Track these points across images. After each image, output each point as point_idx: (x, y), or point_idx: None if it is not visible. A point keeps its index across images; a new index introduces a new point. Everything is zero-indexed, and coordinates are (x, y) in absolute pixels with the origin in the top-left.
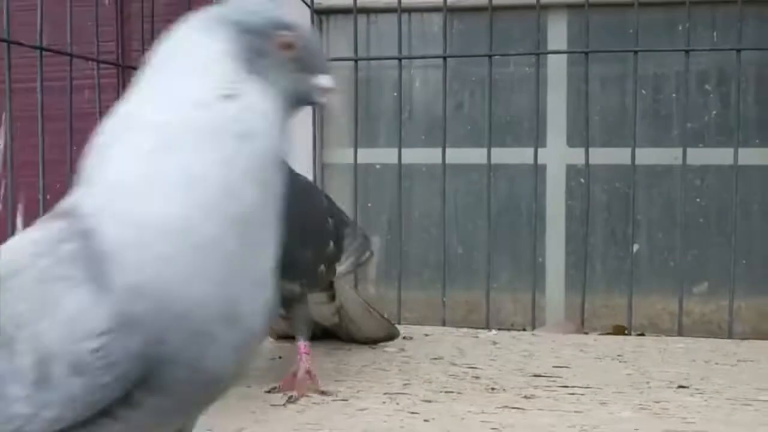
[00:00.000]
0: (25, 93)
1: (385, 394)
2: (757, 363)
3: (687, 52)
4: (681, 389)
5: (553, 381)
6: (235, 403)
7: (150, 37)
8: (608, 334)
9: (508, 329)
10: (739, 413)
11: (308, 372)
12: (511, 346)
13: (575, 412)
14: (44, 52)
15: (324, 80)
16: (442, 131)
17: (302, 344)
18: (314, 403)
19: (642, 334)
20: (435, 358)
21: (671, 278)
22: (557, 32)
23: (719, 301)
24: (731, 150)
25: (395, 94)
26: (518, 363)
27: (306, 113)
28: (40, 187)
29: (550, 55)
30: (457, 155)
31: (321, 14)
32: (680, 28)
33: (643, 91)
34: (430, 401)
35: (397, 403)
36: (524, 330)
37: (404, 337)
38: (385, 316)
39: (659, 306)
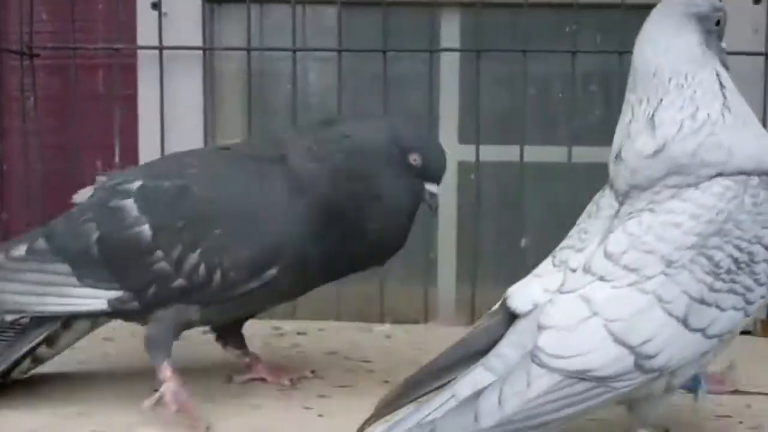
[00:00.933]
0: None
1: (278, 390)
2: None
3: (573, 53)
4: None
5: None
6: (122, 400)
7: (29, 18)
8: None
9: (402, 323)
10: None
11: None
12: (405, 340)
13: None
14: None
15: (724, 44)
16: None
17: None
18: (207, 401)
19: None
20: (329, 353)
21: None
22: (450, 30)
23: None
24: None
25: (289, 86)
26: (411, 356)
27: (196, 101)
28: None
29: (443, 53)
30: None
31: (212, 3)
32: (567, 30)
33: (532, 91)
34: (324, 396)
35: (291, 399)
36: (417, 323)
37: (298, 333)
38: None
39: None
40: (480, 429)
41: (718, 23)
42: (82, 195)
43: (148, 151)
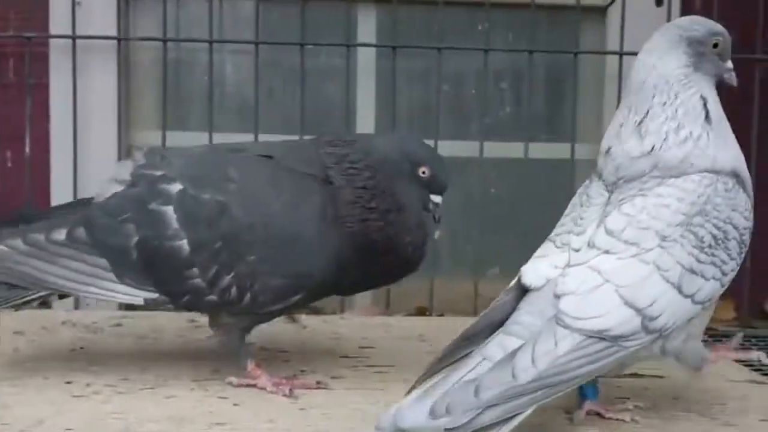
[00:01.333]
0: None
1: (193, 381)
2: None
3: (486, 51)
4: None
5: (360, 361)
6: (33, 394)
7: None
8: (411, 315)
9: (318, 314)
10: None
11: None
12: (321, 330)
13: (380, 389)
14: None
15: (730, 65)
16: (254, 117)
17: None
18: (119, 392)
19: (442, 315)
20: (246, 344)
21: (468, 263)
22: (367, 26)
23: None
24: (522, 144)
25: (206, 77)
26: (327, 345)
27: (111, 92)
28: None
29: (360, 48)
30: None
31: None
32: (480, 28)
33: (446, 87)
34: (239, 386)
35: (206, 390)
36: (333, 314)
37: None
38: None
39: (457, 289)
40: (518, 384)
41: (716, 45)
42: (122, 170)
43: (59, 141)
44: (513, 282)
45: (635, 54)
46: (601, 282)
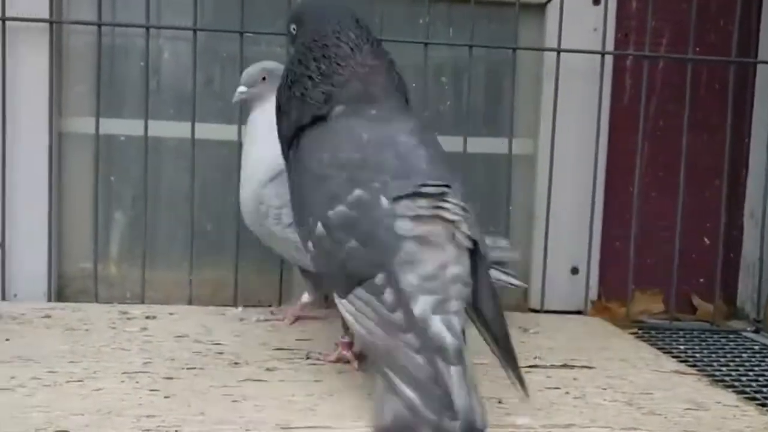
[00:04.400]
0: None
1: (123, 373)
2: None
3: (426, 44)
4: None
5: (295, 353)
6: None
7: None
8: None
9: (255, 306)
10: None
11: None
12: (257, 322)
13: (315, 381)
14: None
15: None
16: (192, 105)
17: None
18: (45, 385)
19: None
20: (179, 336)
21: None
22: None
23: None
24: (461, 138)
25: (142, 63)
26: (263, 338)
27: (42, 76)
28: None
29: None
30: (207, 130)
31: None
32: (421, 22)
33: None
34: (171, 378)
35: (137, 382)
36: (270, 306)
37: (147, 317)
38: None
39: None
40: None
41: None
42: None
43: None
44: None
45: (573, 51)
46: None
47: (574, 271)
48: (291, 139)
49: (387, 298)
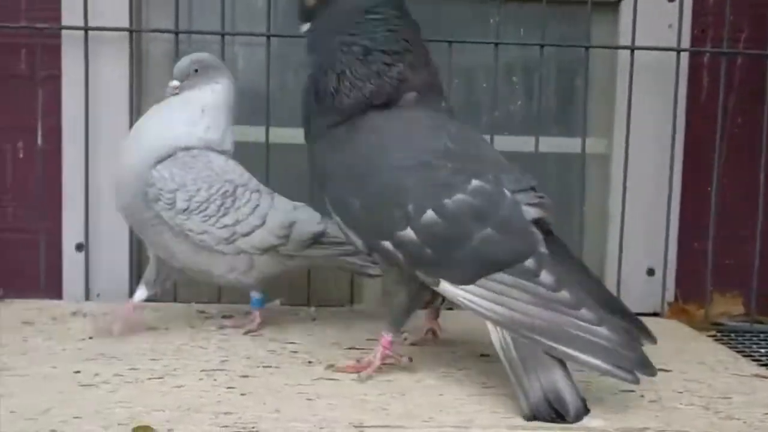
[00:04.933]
0: None
1: (202, 371)
2: None
3: (496, 45)
4: (483, 357)
5: (367, 353)
6: (41, 383)
7: None
8: (424, 309)
9: (328, 305)
10: None
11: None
12: (330, 322)
13: (386, 380)
14: None
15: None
16: (266, 110)
17: (384, 335)
18: (127, 382)
19: (450, 309)
20: (254, 334)
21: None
22: None
23: None
24: (533, 138)
25: None
26: (335, 337)
27: (122, 83)
28: None
29: None
30: (282, 135)
31: None
32: (491, 22)
33: (456, 81)
34: (247, 376)
35: (215, 380)
36: (342, 306)
37: (223, 316)
38: None
39: None
40: None
41: None
42: None
43: (71, 132)
44: None
45: (647, 48)
46: None
47: (651, 272)
48: (342, 120)
49: (545, 279)
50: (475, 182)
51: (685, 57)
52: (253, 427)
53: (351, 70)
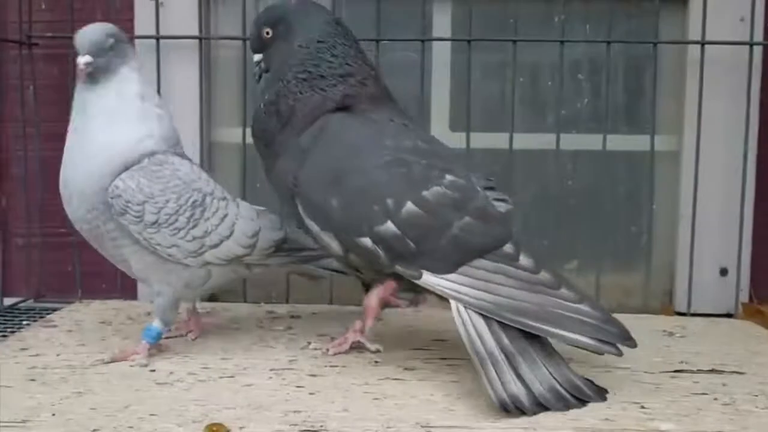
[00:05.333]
0: None
1: (271, 370)
2: None
3: (562, 42)
4: None
5: (433, 353)
6: (119, 381)
7: (28, 8)
8: None
9: (393, 307)
10: (601, 380)
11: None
12: (395, 323)
13: (452, 381)
14: None
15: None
16: None
17: (357, 322)
18: (200, 380)
19: None
20: (321, 335)
21: (545, 256)
22: (442, 20)
23: (588, 278)
24: (601, 136)
25: None
26: (401, 338)
27: (193, 89)
28: None
29: (434, 42)
30: None
31: None
32: (556, 20)
33: (521, 79)
34: (315, 375)
35: (283, 378)
36: (408, 307)
37: (292, 316)
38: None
39: None
40: None
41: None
42: None
43: None
44: None
45: (718, 43)
46: None
47: (723, 272)
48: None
49: (525, 263)
50: (449, 177)
51: (758, 51)
52: (321, 426)
53: (302, 93)
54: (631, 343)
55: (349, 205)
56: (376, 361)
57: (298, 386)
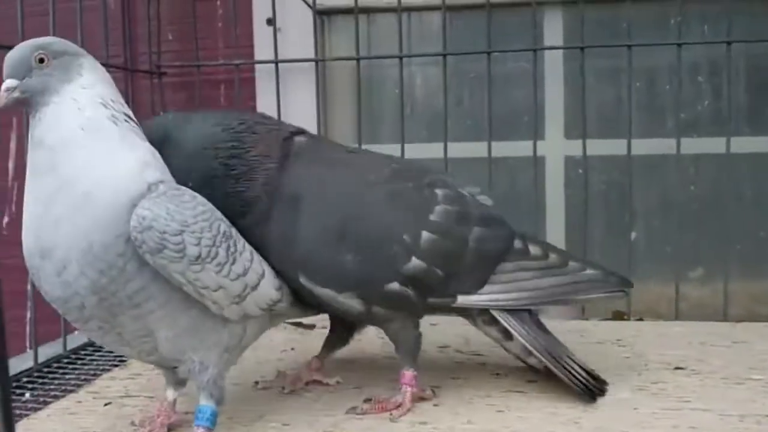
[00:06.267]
0: None
1: (393, 381)
2: (751, 344)
3: (679, 45)
4: (678, 370)
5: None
6: (251, 392)
7: (157, 39)
8: (608, 319)
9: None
10: (733, 391)
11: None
12: None
13: (576, 393)
14: None
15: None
16: (444, 126)
17: (405, 373)
18: (329, 391)
19: (641, 319)
20: (441, 347)
21: (668, 264)
22: (553, 28)
23: (714, 286)
24: (724, 139)
25: (397, 91)
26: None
27: (310, 109)
28: None
29: (546, 51)
30: (459, 149)
31: (323, 15)
32: (672, 22)
33: (638, 84)
34: (438, 387)
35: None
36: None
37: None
38: None
39: (657, 291)
40: None
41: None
42: None
43: None
44: None
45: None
46: None
47: None
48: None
49: (535, 251)
50: (438, 191)
51: None
52: None
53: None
54: (629, 284)
55: (366, 256)
56: (497, 374)
57: (421, 398)
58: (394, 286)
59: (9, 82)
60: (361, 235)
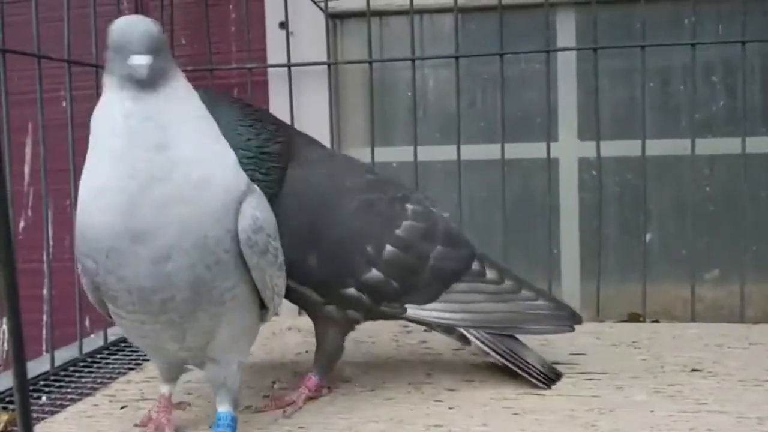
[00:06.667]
0: (54, 102)
1: (409, 384)
2: None
3: (693, 45)
4: (694, 372)
5: (571, 368)
6: (268, 395)
7: (170, 44)
8: (623, 321)
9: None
10: (750, 394)
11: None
12: (529, 336)
13: (593, 396)
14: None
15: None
16: (456, 128)
17: (312, 377)
18: (342, 394)
19: (656, 321)
20: (456, 350)
21: (683, 266)
22: (566, 29)
23: (730, 287)
24: (739, 139)
25: (409, 93)
26: (540, 351)
27: (323, 113)
28: (71, 194)
29: (559, 52)
30: (472, 151)
31: (335, 18)
32: (686, 22)
33: (651, 85)
34: (453, 390)
35: (422, 392)
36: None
37: (425, 330)
38: None
39: (672, 293)
40: None
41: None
42: None
43: None
44: None
45: None
46: None
47: None
48: None
49: (491, 276)
50: (409, 206)
51: None
52: None
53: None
54: (579, 319)
55: (329, 260)
56: (513, 376)
57: (436, 400)
58: (351, 291)
59: (147, 58)
60: (329, 241)
